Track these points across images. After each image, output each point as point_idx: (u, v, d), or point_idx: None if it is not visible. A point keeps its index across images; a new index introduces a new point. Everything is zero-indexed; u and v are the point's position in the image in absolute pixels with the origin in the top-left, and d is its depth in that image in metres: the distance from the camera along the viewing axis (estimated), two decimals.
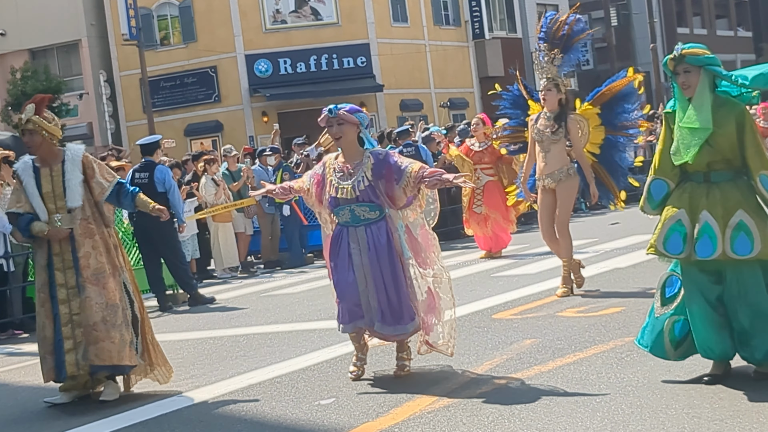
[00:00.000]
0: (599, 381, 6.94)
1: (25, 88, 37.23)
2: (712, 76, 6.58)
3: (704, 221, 6.46)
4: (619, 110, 11.31)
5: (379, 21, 41.00)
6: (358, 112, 7.77)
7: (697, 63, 6.56)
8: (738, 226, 6.38)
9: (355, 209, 7.67)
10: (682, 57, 6.59)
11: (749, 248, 6.35)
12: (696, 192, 6.59)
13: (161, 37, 41.04)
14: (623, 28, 51.99)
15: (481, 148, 16.17)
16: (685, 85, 6.58)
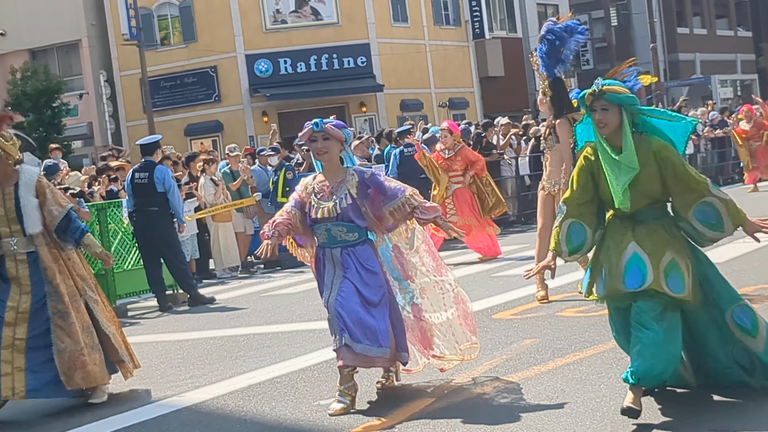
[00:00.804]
0: (599, 381, 6.93)
1: (25, 88, 37.27)
2: (631, 115, 6.19)
3: (633, 252, 6.09)
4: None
5: (379, 21, 41.00)
6: (344, 128, 7.34)
7: (617, 101, 6.13)
8: (670, 265, 6.03)
9: (332, 229, 7.15)
10: (601, 93, 6.16)
11: (681, 288, 5.99)
12: (620, 229, 6.25)
13: (161, 37, 41.04)
14: (623, 28, 52.02)
15: (450, 155, 16.16)
16: (601, 123, 6.15)
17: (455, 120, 34.14)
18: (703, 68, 59.29)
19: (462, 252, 17.49)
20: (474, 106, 44.85)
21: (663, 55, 55.70)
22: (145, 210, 14.57)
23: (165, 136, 22.29)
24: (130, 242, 15.39)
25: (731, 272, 11.33)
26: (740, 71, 64.07)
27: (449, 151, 16.23)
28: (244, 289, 16.03)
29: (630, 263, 6.07)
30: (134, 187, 14.71)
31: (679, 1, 60.31)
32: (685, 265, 6.08)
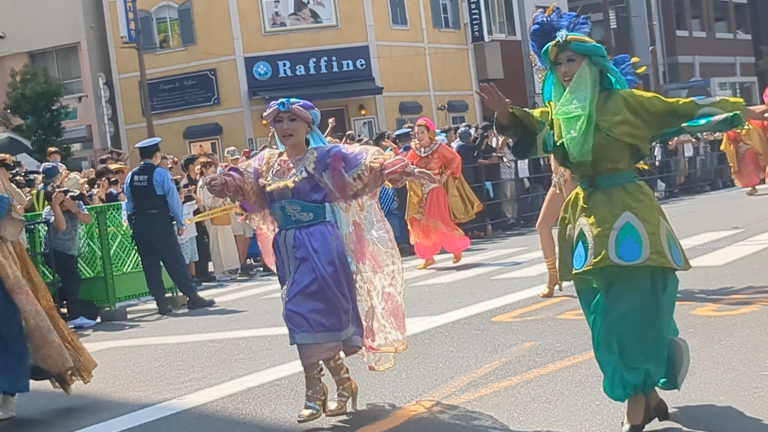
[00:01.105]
0: (599, 384, 6.89)
1: (25, 91, 37.27)
2: (598, 71, 5.76)
3: (580, 228, 5.74)
4: None
5: (378, 23, 41.00)
6: (312, 109, 6.92)
7: (583, 51, 5.73)
8: (624, 228, 5.61)
9: (287, 207, 6.81)
10: (566, 43, 5.74)
11: (637, 254, 5.59)
12: (579, 198, 5.85)
13: (160, 40, 41.04)
14: (622, 31, 52.01)
15: (426, 153, 15.96)
16: (566, 76, 5.73)
17: (455, 123, 34.20)
18: (703, 71, 59.30)
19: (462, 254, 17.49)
20: (473, 109, 44.83)
21: (662, 58, 55.72)
22: (145, 213, 14.56)
23: (164, 139, 22.27)
24: (130, 245, 15.38)
25: (731, 274, 11.36)
26: (739, 74, 64.08)
27: (425, 149, 15.97)
28: (244, 291, 16.03)
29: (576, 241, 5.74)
30: (133, 190, 14.70)
31: (679, 3, 60.32)
32: (644, 227, 5.62)
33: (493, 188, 22.12)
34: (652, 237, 5.62)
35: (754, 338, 7.93)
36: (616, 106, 5.66)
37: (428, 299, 12.21)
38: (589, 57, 5.73)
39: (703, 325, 8.66)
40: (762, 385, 6.44)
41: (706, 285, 10.85)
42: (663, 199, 27.66)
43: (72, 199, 14.24)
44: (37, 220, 14.60)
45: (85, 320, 14.24)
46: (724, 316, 8.96)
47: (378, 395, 7.35)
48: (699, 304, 9.69)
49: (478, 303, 11.27)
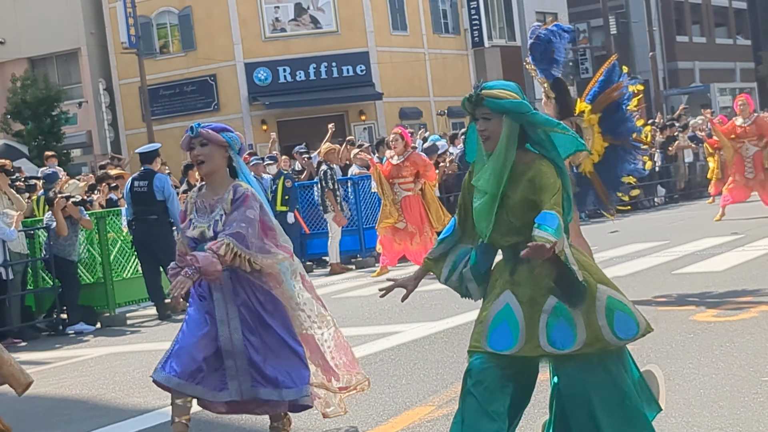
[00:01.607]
0: None
1: (25, 97, 37.29)
2: (517, 127, 4.99)
3: (506, 304, 5.05)
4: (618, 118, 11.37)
5: (378, 29, 41.02)
6: (226, 132, 6.34)
7: (498, 109, 4.95)
8: (554, 312, 4.92)
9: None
10: (479, 99, 4.98)
11: (572, 340, 4.89)
12: (503, 271, 5.14)
13: (160, 46, 41.06)
14: (622, 37, 52.01)
15: (399, 161, 15.91)
16: (484, 136, 4.99)
17: (455, 129, 34.22)
18: (702, 77, 59.33)
19: None
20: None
21: (662, 64, 55.72)
22: (145, 218, 14.56)
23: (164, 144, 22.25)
24: (130, 251, 15.38)
25: (731, 280, 11.37)
26: (739, 79, 64.10)
27: (399, 157, 15.87)
28: None
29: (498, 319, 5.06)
30: (133, 196, 14.71)
31: (678, 9, 60.37)
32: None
33: None
34: (586, 317, 4.89)
35: (754, 344, 7.93)
36: (519, 179, 4.96)
37: (427, 305, 12.19)
38: (506, 114, 4.97)
39: (703, 331, 8.66)
40: (762, 391, 6.44)
41: (706, 291, 10.85)
42: (663, 204, 27.67)
43: (74, 204, 14.25)
44: (38, 225, 14.60)
45: (85, 326, 14.24)
46: (723, 322, 8.96)
47: (377, 401, 7.34)
48: (699, 310, 9.70)
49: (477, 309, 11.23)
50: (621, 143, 11.39)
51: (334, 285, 16.10)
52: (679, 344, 8.21)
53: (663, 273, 12.76)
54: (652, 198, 28.10)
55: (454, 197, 21.37)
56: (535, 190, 4.91)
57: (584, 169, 11.40)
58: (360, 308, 12.46)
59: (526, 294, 4.97)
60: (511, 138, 4.96)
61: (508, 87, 5.04)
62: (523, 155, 4.98)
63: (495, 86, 5.02)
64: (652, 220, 22.59)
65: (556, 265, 4.84)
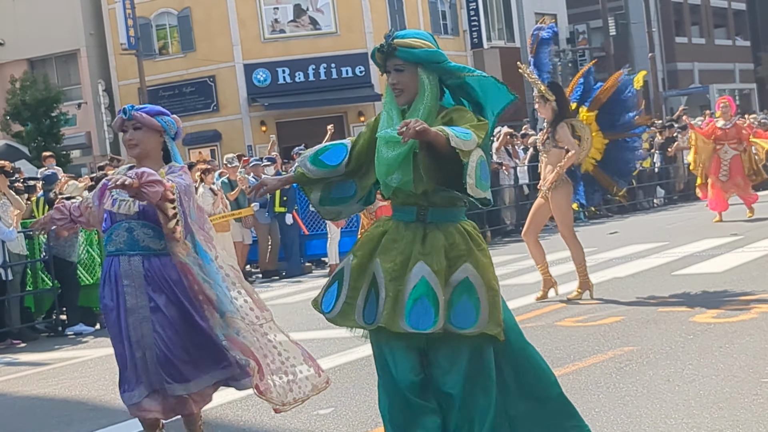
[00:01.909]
0: (598, 390, 6.92)
1: (24, 98, 37.28)
2: (437, 77, 4.73)
3: (421, 276, 4.61)
4: (618, 112, 11.48)
5: (377, 30, 40.98)
6: (161, 115, 5.99)
7: (412, 59, 4.68)
8: (460, 287, 4.61)
9: (135, 229, 5.80)
10: (392, 49, 4.69)
11: (473, 320, 4.60)
12: (406, 234, 4.74)
13: (160, 47, 41.05)
14: (622, 38, 52.02)
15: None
16: (396, 89, 4.77)
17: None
18: (702, 77, 59.34)
19: None
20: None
21: (661, 65, 55.74)
22: None
23: None
24: None
25: (730, 281, 11.37)
26: (739, 80, 64.12)
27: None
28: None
29: (417, 292, 4.62)
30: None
31: (678, 10, 60.38)
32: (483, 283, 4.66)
33: (493, 195, 22.06)
34: (493, 299, 4.65)
35: (754, 345, 7.93)
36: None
37: None
38: (422, 65, 4.70)
39: (703, 332, 8.67)
40: (762, 392, 6.44)
41: (706, 292, 10.86)
42: (662, 205, 27.67)
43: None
44: None
45: (84, 327, 14.24)
46: (723, 323, 8.96)
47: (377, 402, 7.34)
48: (698, 311, 9.70)
49: None
50: (622, 136, 11.51)
51: None
52: (678, 345, 8.21)
53: (662, 274, 12.76)
54: (652, 199, 28.11)
55: None
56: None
57: (586, 167, 11.47)
58: None
59: (439, 263, 4.63)
60: (433, 87, 4.68)
61: (421, 35, 4.76)
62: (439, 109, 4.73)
63: (408, 35, 4.73)
64: (652, 221, 22.59)
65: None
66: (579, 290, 11.28)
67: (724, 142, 18.72)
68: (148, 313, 5.78)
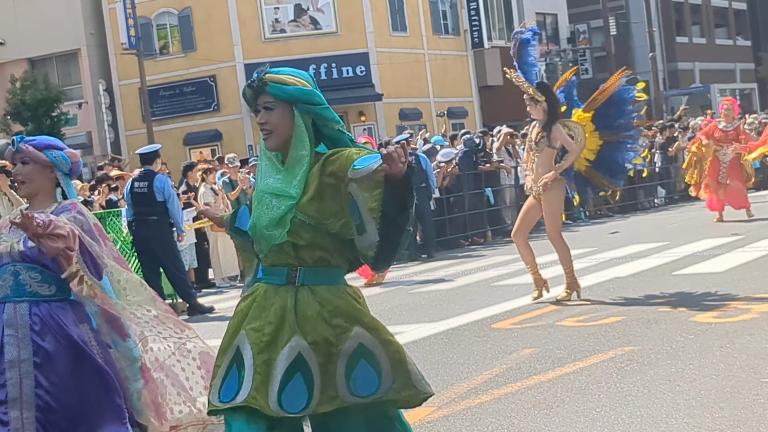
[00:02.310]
0: (599, 390, 6.92)
1: (25, 98, 37.28)
2: (310, 119, 4.20)
3: (297, 351, 4.07)
4: (615, 114, 11.50)
5: (378, 30, 41.02)
6: (51, 149, 5.31)
7: (284, 97, 4.19)
8: (355, 354, 4.08)
9: (21, 273, 5.12)
10: (262, 84, 4.22)
11: (375, 386, 4.08)
12: (275, 299, 4.17)
13: (160, 47, 41.05)
14: (622, 37, 52.05)
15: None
16: (264, 129, 4.19)
17: (454, 129, 34.21)
18: (703, 77, 59.33)
19: (462, 261, 17.48)
20: (473, 115, 44.87)
21: (662, 64, 55.71)
22: (145, 219, 14.56)
23: (164, 145, 22.26)
24: (130, 251, 15.36)
25: (731, 281, 11.37)
26: (739, 80, 64.12)
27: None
28: None
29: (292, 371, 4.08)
30: (134, 197, 14.70)
31: (678, 10, 60.37)
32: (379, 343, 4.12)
33: (493, 195, 22.11)
34: (393, 359, 4.12)
35: (755, 345, 7.92)
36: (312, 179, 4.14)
37: (428, 306, 12.20)
38: (296, 104, 4.19)
39: (704, 332, 8.66)
40: (762, 392, 6.44)
41: (706, 292, 10.85)
42: (663, 205, 27.67)
43: None
44: None
45: None
46: (724, 323, 8.96)
47: None
48: (699, 311, 9.70)
49: (478, 309, 11.26)
50: (618, 137, 11.53)
51: None
52: (679, 345, 8.21)
53: (663, 274, 12.76)
54: (652, 199, 28.11)
55: (455, 198, 21.37)
56: (336, 165, 4.07)
57: (578, 167, 11.52)
58: None
59: (316, 334, 4.08)
60: (307, 130, 4.17)
61: (297, 74, 4.28)
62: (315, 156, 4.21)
63: (282, 71, 4.27)
64: (652, 221, 22.59)
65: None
66: (567, 291, 11.27)
67: (724, 144, 18.53)
68: (30, 368, 5.02)
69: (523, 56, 11.42)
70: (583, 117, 11.47)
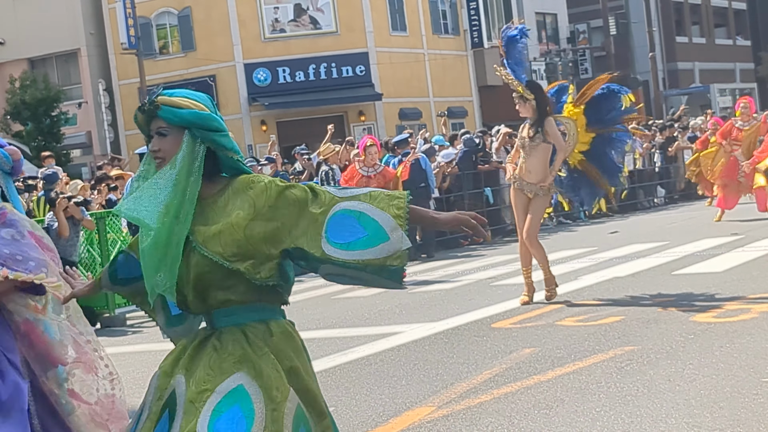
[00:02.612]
0: (599, 390, 6.92)
1: (24, 97, 37.29)
2: (203, 149, 3.76)
3: (173, 389, 3.76)
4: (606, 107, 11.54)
5: (378, 30, 41.03)
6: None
7: (178, 122, 3.76)
8: (233, 394, 3.62)
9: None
10: (154, 108, 3.77)
11: (244, 429, 3.55)
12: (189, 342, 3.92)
13: (160, 46, 41.06)
14: (622, 37, 52.04)
15: (369, 173, 15.77)
16: (158, 158, 3.76)
17: (454, 129, 34.21)
18: (702, 77, 59.34)
19: (462, 261, 17.48)
20: (473, 115, 44.87)
21: (662, 64, 55.73)
22: None
23: None
24: None
25: (731, 281, 11.37)
26: (739, 80, 64.12)
27: (370, 169, 15.77)
28: None
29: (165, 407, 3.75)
30: None
31: (678, 10, 60.38)
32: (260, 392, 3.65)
33: (493, 194, 22.12)
34: (273, 413, 3.63)
35: (754, 345, 7.93)
36: (233, 204, 3.72)
37: (428, 305, 12.20)
38: (190, 129, 3.77)
39: (703, 332, 8.67)
40: (762, 392, 6.44)
41: (706, 291, 10.86)
42: (663, 205, 27.68)
43: (76, 205, 14.25)
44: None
45: None
46: (724, 323, 8.96)
47: (377, 402, 7.34)
48: (699, 311, 9.70)
49: (477, 309, 11.26)
50: (609, 131, 11.58)
51: (334, 286, 16.09)
52: (679, 345, 8.21)
53: (663, 274, 12.76)
54: (652, 199, 28.11)
55: (454, 197, 21.38)
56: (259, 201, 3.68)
57: (573, 161, 11.54)
58: (360, 309, 12.46)
59: (194, 378, 3.70)
60: (192, 159, 3.72)
61: (194, 96, 3.89)
62: (212, 185, 3.78)
63: (177, 94, 3.85)
64: (652, 220, 22.59)
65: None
66: (548, 288, 11.22)
67: (742, 143, 18.20)
68: None
69: (512, 53, 11.43)
70: (574, 112, 11.52)
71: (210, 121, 3.79)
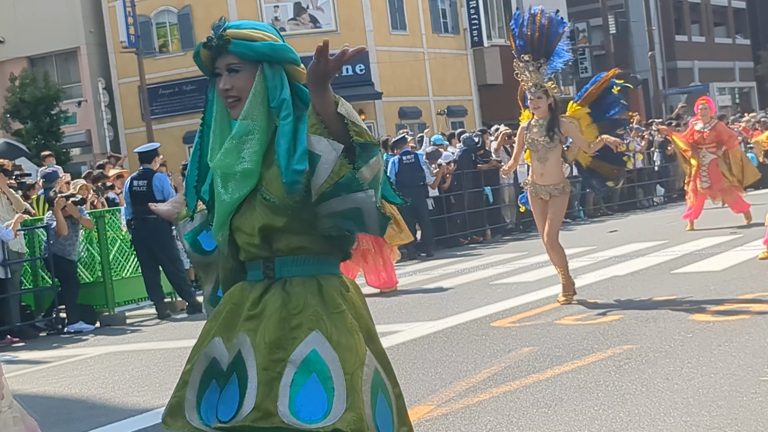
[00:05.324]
0: (597, 389, 6.93)
1: (24, 96, 37.27)
2: (282, 79, 3.58)
3: (237, 349, 3.40)
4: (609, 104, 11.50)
5: (377, 29, 41.02)
6: None
7: (252, 56, 3.49)
8: (306, 365, 3.29)
9: None
10: (223, 42, 3.44)
11: (323, 409, 3.24)
12: (250, 297, 3.47)
13: (160, 45, 41.06)
14: (621, 36, 52.03)
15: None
16: (230, 96, 3.56)
17: (454, 128, 34.21)
18: (702, 76, 59.34)
19: (461, 260, 17.49)
20: (472, 114, 44.86)
21: (661, 63, 55.71)
22: (144, 218, 14.55)
23: (163, 143, 22.27)
24: (129, 250, 15.38)
25: (730, 280, 11.38)
26: (738, 79, 64.14)
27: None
28: None
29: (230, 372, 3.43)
30: (133, 195, 14.70)
31: (678, 8, 60.38)
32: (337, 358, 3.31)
33: (492, 193, 22.12)
34: (351, 378, 3.29)
35: (753, 344, 7.93)
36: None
37: (427, 304, 12.21)
38: (264, 63, 3.53)
39: (702, 331, 8.67)
40: (760, 391, 6.45)
41: (705, 290, 10.86)
42: (662, 204, 27.68)
43: (74, 204, 14.25)
44: (37, 225, 14.61)
45: (85, 325, 14.24)
46: (722, 322, 8.97)
47: None
48: (697, 310, 9.71)
49: (477, 308, 11.27)
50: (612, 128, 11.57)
51: None
52: (677, 344, 8.22)
53: (662, 272, 12.77)
54: (651, 198, 28.11)
55: (454, 197, 21.37)
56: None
57: (585, 162, 11.48)
58: None
59: (263, 334, 3.36)
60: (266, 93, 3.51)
61: (263, 27, 3.62)
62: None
63: (244, 26, 3.54)
64: (651, 219, 22.60)
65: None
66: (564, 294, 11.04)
67: (702, 146, 17.53)
68: None
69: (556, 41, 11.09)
70: (578, 111, 11.45)
71: (287, 53, 3.58)
